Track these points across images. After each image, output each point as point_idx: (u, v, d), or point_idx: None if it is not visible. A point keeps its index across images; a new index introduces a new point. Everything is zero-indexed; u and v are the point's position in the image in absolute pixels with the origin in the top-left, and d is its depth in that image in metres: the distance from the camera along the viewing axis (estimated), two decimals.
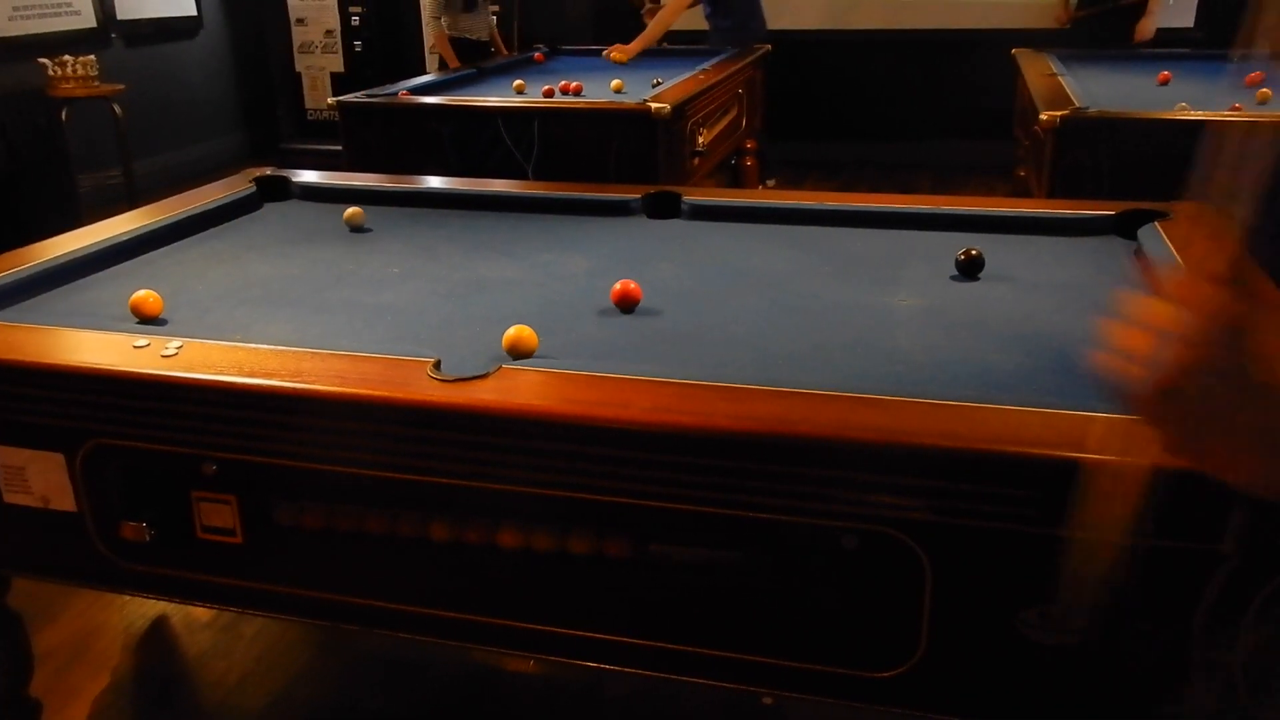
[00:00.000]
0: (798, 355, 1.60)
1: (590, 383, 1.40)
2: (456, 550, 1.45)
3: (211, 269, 2.07)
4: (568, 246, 2.20)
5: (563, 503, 1.38)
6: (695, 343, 1.67)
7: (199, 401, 1.48)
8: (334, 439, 1.44)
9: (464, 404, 1.36)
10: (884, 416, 1.28)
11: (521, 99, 4.06)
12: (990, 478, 1.21)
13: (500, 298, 1.88)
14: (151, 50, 6.74)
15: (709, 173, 4.54)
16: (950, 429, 1.24)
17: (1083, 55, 4.87)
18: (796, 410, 1.31)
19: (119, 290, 1.85)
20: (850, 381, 1.39)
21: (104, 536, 1.62)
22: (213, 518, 1.56)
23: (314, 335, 1.64)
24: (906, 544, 1.26)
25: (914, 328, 1.72)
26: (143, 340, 1.56)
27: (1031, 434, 1.23)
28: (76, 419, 1.55)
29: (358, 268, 2.08)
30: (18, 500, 1.63)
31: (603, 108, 3.79)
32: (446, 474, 1.42)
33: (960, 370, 1.52)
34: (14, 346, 1.59)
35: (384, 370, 1.46)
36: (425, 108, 3.90)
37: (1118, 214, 2.17)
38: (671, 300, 1.84)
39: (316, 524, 1.51)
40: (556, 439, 1.34)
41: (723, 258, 2.12)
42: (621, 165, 3.52)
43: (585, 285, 1.93)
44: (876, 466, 1.24)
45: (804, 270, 2.03)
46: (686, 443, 1.30)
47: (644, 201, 2.42)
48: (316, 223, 2.42)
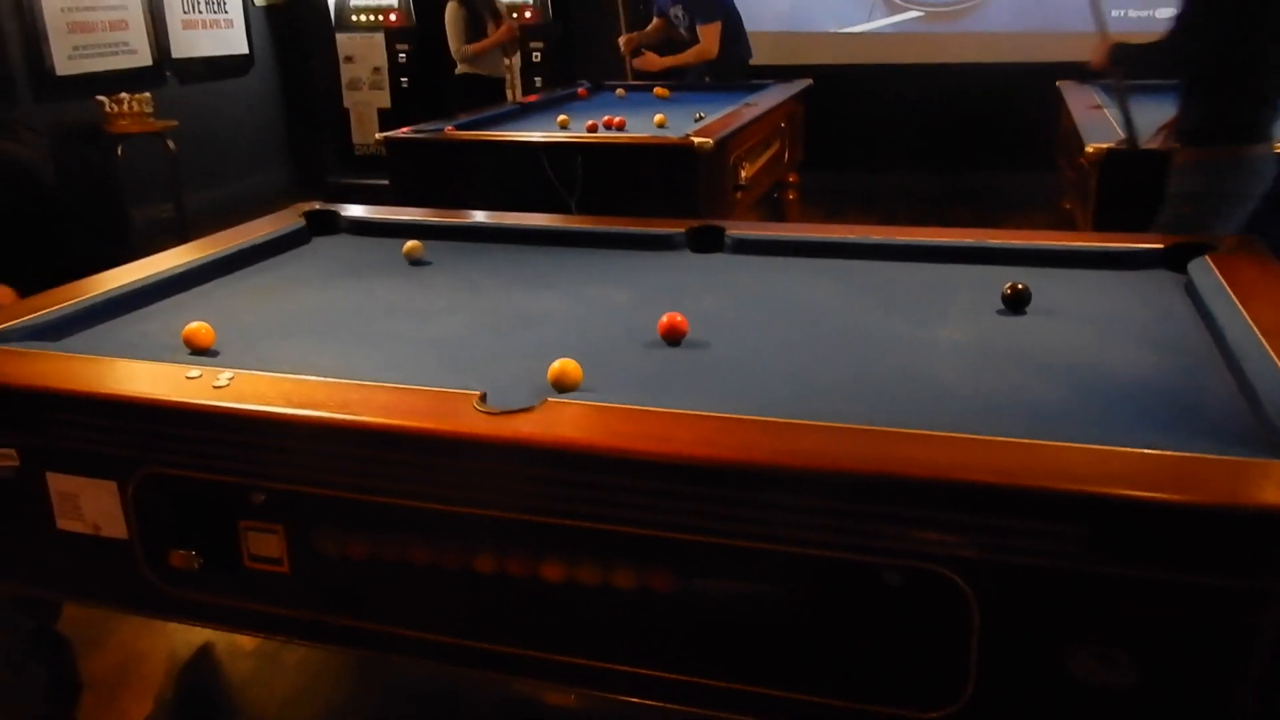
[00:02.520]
0: (842, 389, 1.60)
1: (633, 416, 1.41)
2: (500, 582, 1.46)
3: (262, 301, 2.11)
4: (611, 280, 2.21)
5: (606, 535, 1.38)
6: (739, 376, 1.67)
7: (249, 431, 1.50)
8: (380, 470, 1.45)
9: (509, 436, 1.37)
10: (929, 451, 1.27)
11: (565, 134, 4.10)
12: (1038, 514, 1.20)
13: (545, 331, 1.89)
14: (204, 87, 6.90)
15: (751, 206, 4.55)
16: (997, 464, 1.23)
17: (1129, 87, 4.81)
18: (841, 445, 1.30)
19: (172, 322, 1.89)
20: (895, 416, 1.38)
21: (153, 564, 1.64)
22: (260, 547, 1.58)
23: (361, 367, 1.66)
24: (953, 581, 1.24)
25: (959, 361, 1.71)
26: (195, 371, 1.59)
27: (1080, 470, 1.21)
28: (130, 448, 1.58)
29: (404, 300, 2.11)
30: (70, 527, 1.66)
31: (646, 142, 3.81)
32: (491, 506, 1.42)
33: (1007, 404, 1.51)
34: (71, 377, 1.62)
35: (430, 402, 1.47)
36: (471, 143, 3.95)
37: (1166, 247, 2.15)
38: (715, 333, 1.84)
39: (361, 554, 1.52)
40: (600, 472, 1.35)
41: (766, 291, 2.13)
42: (664, 199, 3.54)
43: (629, 319, 1.94)
44: (921, 502, 1.23)
45: (848, 304, 2.03)
46: (729, 477, 1.30)
47: (687, 235, 2.43)
48: (364, 256, 2.46)
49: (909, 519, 1.23)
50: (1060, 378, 1.61)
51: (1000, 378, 1.63)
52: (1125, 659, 1.21)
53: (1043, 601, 1.23)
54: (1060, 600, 1.22)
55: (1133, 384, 1.58)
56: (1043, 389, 1.57)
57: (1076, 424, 1.41)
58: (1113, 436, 1.28)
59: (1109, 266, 2.17)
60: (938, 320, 1.91)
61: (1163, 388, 1.56)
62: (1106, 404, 1.50)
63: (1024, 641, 1.26)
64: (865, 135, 6.93)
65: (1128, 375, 1.61)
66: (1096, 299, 2.00)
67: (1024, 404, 1.51)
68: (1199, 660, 1.20)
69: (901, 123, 6.92)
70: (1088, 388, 1.57)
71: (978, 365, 1.69)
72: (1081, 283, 2.10)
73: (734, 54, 5.74)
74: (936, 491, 1.22)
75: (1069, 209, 4.10)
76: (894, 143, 6.93)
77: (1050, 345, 1.76)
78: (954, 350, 1.76)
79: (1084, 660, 1.22)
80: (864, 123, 6.90)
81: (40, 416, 1.62)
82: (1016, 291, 1.93)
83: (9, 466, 1.65)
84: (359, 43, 7.48)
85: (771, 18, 6.48)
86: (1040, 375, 1.63)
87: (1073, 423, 1.42)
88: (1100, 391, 1.55)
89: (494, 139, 3.99)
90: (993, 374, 1.65)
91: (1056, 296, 1.99)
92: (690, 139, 3.58)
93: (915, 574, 1.26)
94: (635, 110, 4.54)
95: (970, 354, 1.74)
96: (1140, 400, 1.51)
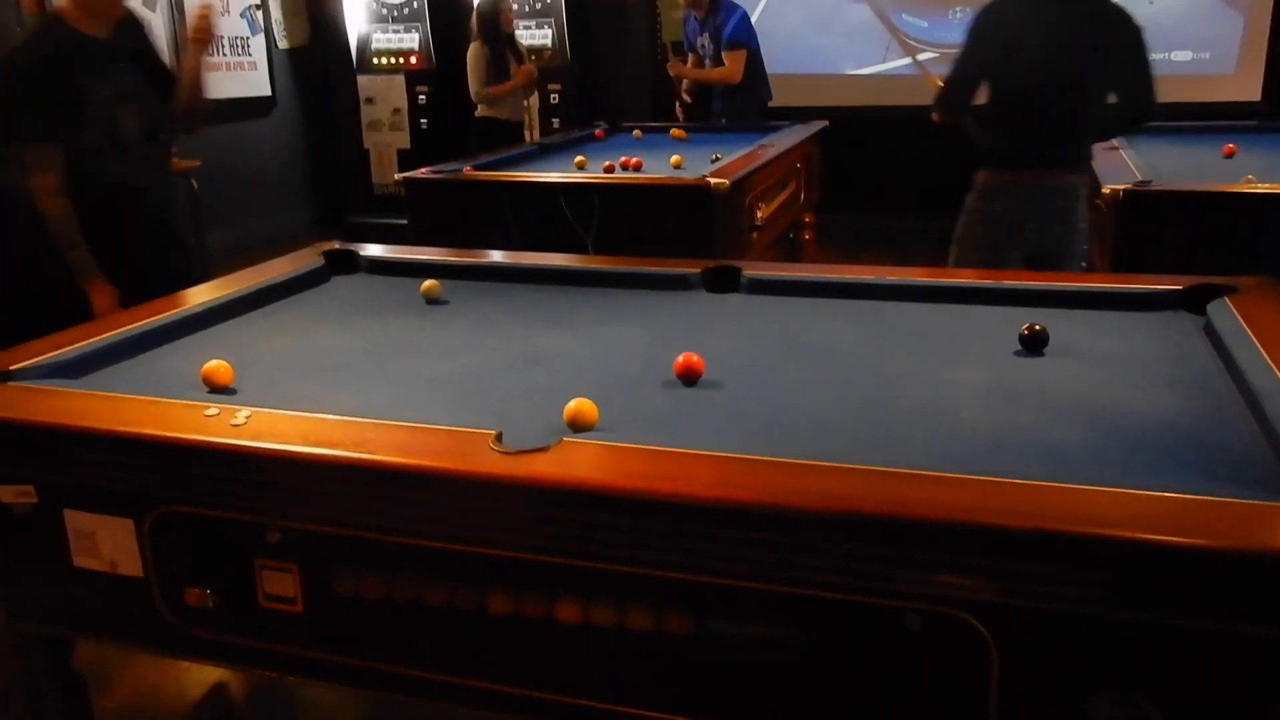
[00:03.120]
0: (860, 429, 1.59)
1: (650, 456, 1.40)
2: (514, 623, 1.45)
3: (281, 340, 2.13)
4: (628, 320, 2.22)
5: (622, 577, 1.37)
6: (755, 416, 1.66)
7: (266, 470, 1.50)
8: (395, 509, 1.45)
9: (524, 476, 1.37)
10: (948, 494, 1.26)
11: (582, 174, 4.13)
12: (1058, 558, 1.18)
13: (561, 370, 1.90)
14: (227, 128, 6.99)
15: (767, 246, 4.57)
16: (1016, 507, 1.22)
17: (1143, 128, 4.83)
18: (859, 486, 1.29)
19: (192, 360, 1.90)
20: (913, 457, 1.38)
21: (168, 602, 1.64)
22: (275, 585, 1.58)
23: (378, 405, 1.66)
24: (972, 626, 1.23)
25: (977, 403, 1.70)
26: (213, 409, 1.60)
27: (1101, 513, 1.20)
28: (147, 485, 1.59)
29: (421, 339, 2.12)
30: (86, 564, 1.67)
31: (662, 183, 3.84)
32: (506, 546, 1.42)
33: (1025, 446, 1.50)
34: (90, 414, 1.63)
35: (446, 441, 1.47)
36: (489, 183, 3.98)
37: (1185, 289, 2.14)
38: (731, 373, 1.84)
39: (375, 594, 1.52)
40: (616, 512, 1.34)
41: (782, 331, 2.13)
42: (681, 239, 3.55)
43: (645, 358, 1.94)
44: (940, 545, 1.22)
45: (864, 344, 2.03)
46: (746, 518, 1.29)
47: (703, 275, 2.44)
48: (382, 295, 2.48)
49: (927, 562, 1.22)
50: (1079, 419, 1.60)
51: (1018, 419, 1.62)
52: (1147, 706, 1.19)
53: (1063, 647, 1.22)
54: (1081, 646, 1.21)
55: (1152, 426, 1.56)
56: (1061, 430, 1.56)
57: (1096, 466, 1.40)
58: (1133, 479, 1.26)
59: (1127, 307, 2.16)
60: (955, 361, 1.90)
61: (1183, 430, 1.55)
62: (1126, 446, 1.49)
63: (1044, 687, 1.24)
64: (881, 176, 6.96)
65: (1147, 417, 1.60)
66: (1115, 340, 1.99)
67: (1042, 445, 1.50)
68: (1223, 708, 1.18)
69: (917, 163, 6.93)
70: (1107, 429, 1.56)
71: (995, 406, 1.68)
72: (1099, 324, 2.09)
73: (754, 95, 5.85)
74: (954, 534, 1.21)
75: (1086, 249, 4.09)
76: (909, 183, 6.95)
77: (1068, 387, 1.75)
78: (972, 391, 1.75)
79: (1105, 707, 1.20)
80: (879, 163, 6.92)
81: (59, 453, 1.63)
82: (1034, 332, 1.92)
83: (27, 503, 1.66)
84: (380, 84, 7.58)
85: (788, 61, 6.54)
86: (1059, 417, 1.62)
87: (1092, 465, 1.41)
88: (1119, 433, 1.54)
89: (512, 179, 4.03)
90: (1010, 415, 1.64)
91: (1074, 337, 1.98)
92: (706, 180, 3.60)
93: (933, 618, 1.25)
94: (652, 151, 4.58)
95: (988, 395, 1.73)
96: (1160, 442, 1.50)
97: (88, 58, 2.71)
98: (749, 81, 5.80)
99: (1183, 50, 6.44)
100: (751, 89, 5.83)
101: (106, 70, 2.73)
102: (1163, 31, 6.36)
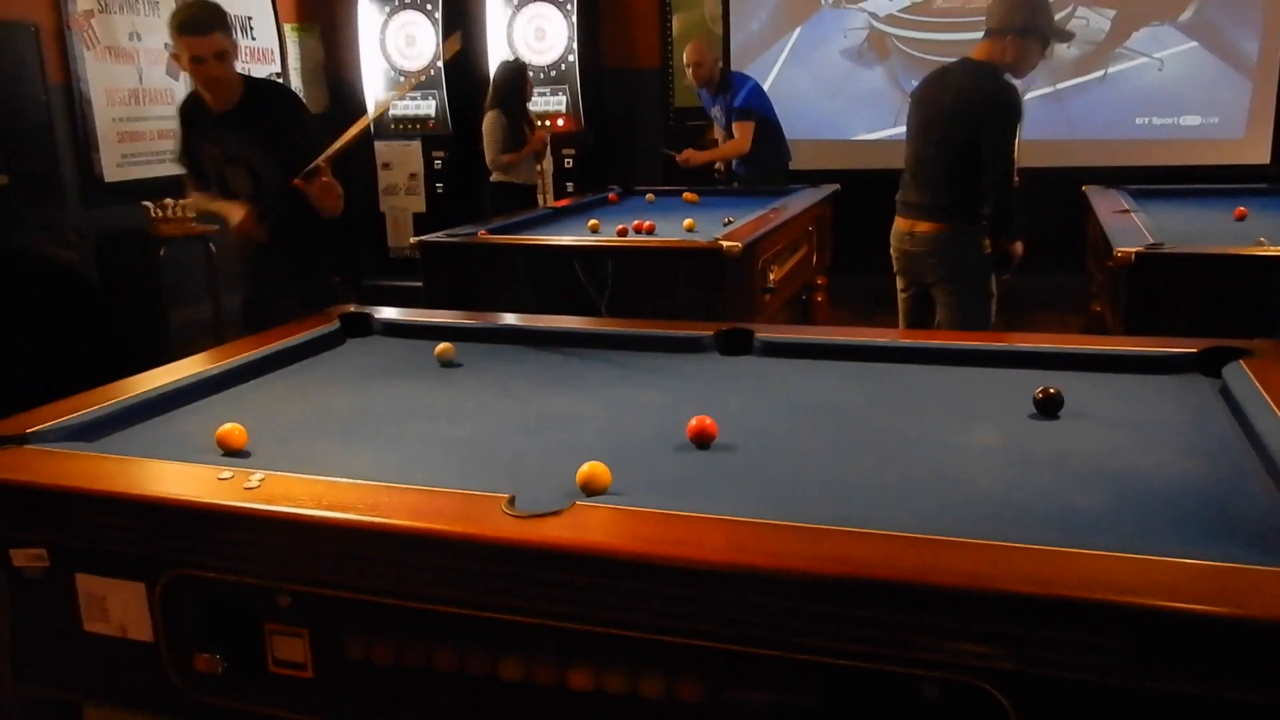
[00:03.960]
0: (874, 493, 1.58)
1: (663, 521, 1.40)
2: (526, 690, 1.43)
3: (295, 402, 2.13)
4: (641, 382, 2.22)
5: (635, 643, 1.36)
6: (769, 479, 1.65)
7: (279, 534, 1.50)
8: (408, 573, 1.44)
9: (537, 541, 1.36)
10: (965, 559, 1.25)
11: (596, 238, 4.17)
12: (1078, 626, 1.16)
13: (574, 433, 1.90)
14: None
15: (780, 309, 4.58)
16: (1035, 574, 1.21)
17: (1154, 192, 4.87)
18: (874, 552, 1.28)
19: (206, 423, 1.91)
20: (929, 522, 1.37)
21: (177, 667, 1.63)
22: (285, 651, 1.56)
23: (391, 468, 1.66)
24: (991, 695, 1.21)
25: (992, 466, 1.69)
26: (227, 472, 1.60)
27: (1120, 580, 1.18)
28: (160, 549, 1.58)
29: (435, 402, 2.12)
30: (96, 629, 1.66)
31: (675, 246, 3.87)
32: (518, 611, 1.41)
33: (1042, 511, 1.49)
34: (103, 477, 1.64)
35: (458, 505, 1.47)
36: (503, 246, 4.02)
37: (1200, 351, 2.14)
38: (745, 436, 1.84)
39: (386, 659, 1.50)
40: (629, 578, 1.33)
41: (796, 394, 2.12)
42: (693, 302, 3.57)
43: (658, 421, 1.94)
44: (958, 612, 1.20)
45: (878, 407, 2.02)
46: (761, 583, 1.28)
47: (716, 338, 2.45)
48: (397, 358, 2.49)
49: (944, 629, 1.21)
50: (1096, 483, 1.59)
51: (1034, 483, 1.61)
52: None
53: (1083, 716, 1.19)
54: (1102, 715, 1.18)
55: (1171, 491, 1.55)
56: (1078, 495, 1.55)
57: (1114, 532, 1.38)
58: (1152, 545, 1.25)
59: (1142, 370, 2.15)
60: (969, 424, 1.89)
61: (1202, 495, 1.53)
62: (1144, 511, 1.48)
63: None
64: None
65: (1165, 481, 1.59)
66: (1130, 403, 1.98)
67: (1059, 510, 1.49)
68: None
69: None
70: (1124, 494, 1.54)
71: (1011, 470, 1.67)
72: (1114, 387, 2.08)
73: (775, 158, 5.97)
74: (972, 601, 1.20)
75: (1099, 312, 4.10)
76: None
77: (1085, 450, 1.74)
78: (987, 455, 1.74)
79: None
80: (891, 226, 6.94)
81: (72, 517, 1.63)
82: (1049, 395, 1.91)
83: (39, 567, 1.66)
84: (396, 150, 7.69)
85: (800, 126, 6.61)
86: (1075, 481, 1.60)
87: (1110, 530, 1.39)
88: (1137, 498, 1.52)
89: (526, 242, 4.07)
90: (1027, 479, 1.63)
91: (1089, 400, 1.97)
92: (719, 242, 3.63)
93: (951, 687, 1.23)
94: (665, 214, 4.62)
95: (1003, 458, 1.72)
96: (1179, 507, 1.49)
97: (203, 125, 3.43)
98: (767, 147, 5.91)
99: (1192, 115, 6.49)
100: (771, 154, 5.95)
101: (218, 136, 3.37)
102: (1172, 96, 6.46)
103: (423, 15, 7.45)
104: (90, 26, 5.91)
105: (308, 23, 7.83)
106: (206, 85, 3.34)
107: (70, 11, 5.76)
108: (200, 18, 3.26)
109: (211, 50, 3.24)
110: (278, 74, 7.42)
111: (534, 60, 7.06)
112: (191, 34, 3.22)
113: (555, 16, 7.18)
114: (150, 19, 6.31)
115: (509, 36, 7.26)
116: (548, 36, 7.21)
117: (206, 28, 3.24)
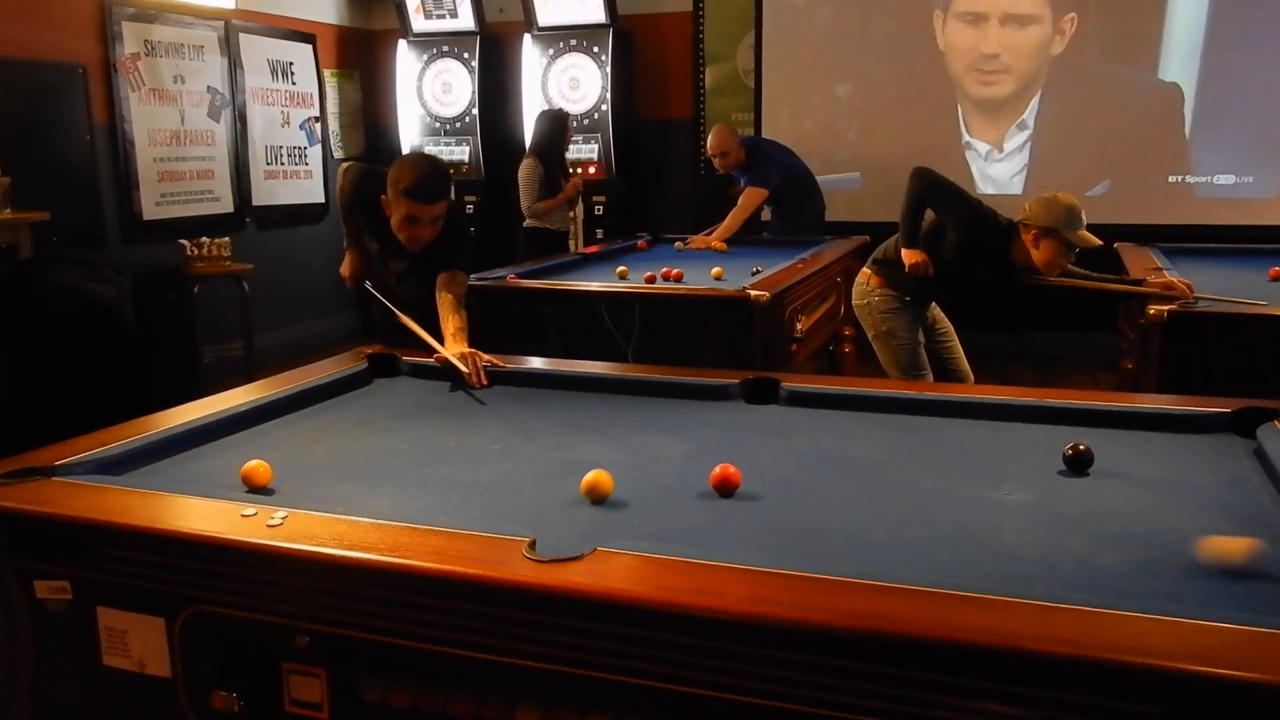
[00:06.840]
0: (898, 548, 1.56)
1: (685, 569, 1.38)
2: None
3: (321, 442, 2.14)
4: (665, 430, 2.21)
5: (652, 692, 1.34)
6: (792, 531, 1.64)
7: (299, 572, 1.50)
8: (427, 615, 1.44)
9: (557, 586, 1.35)
10: (991, 618, 1.22)
11: (624, 284, 4.18)
12: (1107, 690, 1.14)
13: None
14: (280, 233, 7.20)
15: (807, 359, 4.57)
16: (1063, 635, 1.18)
17: (1187, 250, 4.84)
18: (898, 607, 1.26)
19: (232, 460, 1.92)
20: (954, 578, 1.35)
21: (193, 704, 1.62)
22: (302, 691, 1.55)
23: (413, 510, 1.66)
24: None
25: (1020, 523, 1.66)
26: (250, 510, 1.60)
27: (1152, 644, 1.16)
28: (182, 584, 1.58)
29: (458, 445, 2.12)
30: (116, 663, 1.66)
31: (703, 294, 3.87)
32: (536, 657, 1.39)
33: (1071, 570, 1.46)
34: (128, 511, 1.65)
35: (479, 548, 1.46)
36: (531, 290, 4.04)
37: (1234, 411, 2.11)
38: (769, 487, 1.82)
39: (403, 703, 1.49)
40: (649, 626, 1.31)
41: (821, 445, 2.11)
42: (720, 351, 3.56)
43: (682, 469, 1.93)
44: (985, 672, 1.18)
45: (904, 460, 2.00)
46: (782, 636, 1.26)
47: (742, 387, 2.44)
48: (422, 400, 2.50)
49: (969, 689, 1.18)
50: (1126, 543, 1.56)
51: (1063, 541, 1.58)
52: None
53: None
54: None
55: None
56: (1108, 555, 1.52)
57: (1145, 593, 1.35)
58: (1184, 608, 1.23)
59: (1174, 429, 2.12)
60: (997, 480, 1.87)
61: None
62: (1176, 572, 1.45)
63: None
64: None
65: (1195, 542, 1.56)
66: (1161, 462, 1.95)
67: (1089, 570, 1.46)
68: None
69: None
70: (1155, 554, 1.51)
71: (1040, 528, 1.64)
72: (1145, 445, 2.05)
73: (807, 210, 5.93)
74: (999, 661, 1.17)
75: (1131, 369, 4.05)
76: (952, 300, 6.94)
77: (1115, 509, 1.71)
78: (1015, 511, 1.72)
79: None
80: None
81: (95, 550, 1.63)
82: (1079, 452, 1.89)
83: (62, 600, 1.66)
84: None
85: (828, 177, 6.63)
86: (1105, 540, 1.58)
87: (1141, 592, 1.36)
88: (1168, 559, 1.49)
89: (554, 288, 4.09)
90: (1055, 537, 1.60)
91: (1120, 459, 1.94)
92: (747, 291, 3.63)
93: None
94: (694, 263, 4.64)
95: (1032, 515, 1.70)
96: (1212, 569, 1.45)
97: (368, 217, 3.50)
98: (798, 201, 5.89)
99: (1225, 174, 6.46)
100: (802, 208, 5.93)
101: (379, 229, 3.43)
102: (1206, 156, 6.44)
103: (459, 63, 7.58)
104: (136, 69, 6.05)
105: (347, 69, 7.99)
106: (410, 238, 3.25)
107: (117, 54, 5.90)
108: (431, 190, 3.18)
109: (430, 216, 3.18)
110: (316, 118, 7.56)
111: (568, 109, 7.14)
112: (421, 201, 3.15)
113: (590, 67, 7.28)
114: (194, 63, 6.46)
115: (544, 86, 7.36)
116: (582, 86, 7.31)
117: (436, 197, 3.19)
